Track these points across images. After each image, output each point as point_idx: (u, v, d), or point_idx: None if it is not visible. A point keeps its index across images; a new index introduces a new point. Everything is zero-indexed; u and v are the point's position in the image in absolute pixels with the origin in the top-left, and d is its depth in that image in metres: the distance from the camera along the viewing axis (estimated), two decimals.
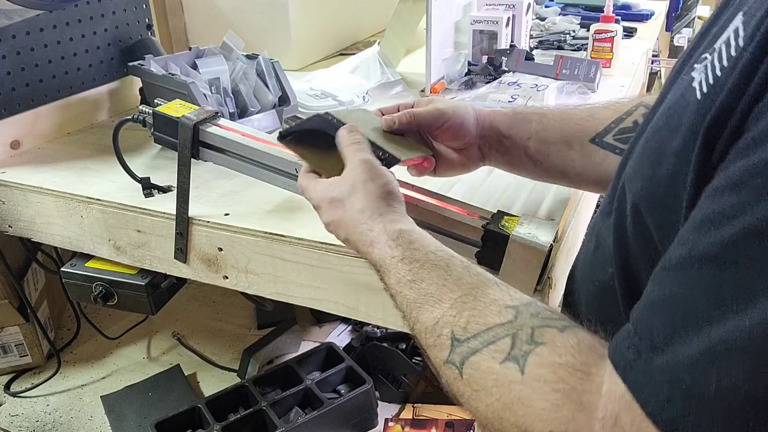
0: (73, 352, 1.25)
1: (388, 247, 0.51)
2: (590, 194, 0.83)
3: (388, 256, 0.51)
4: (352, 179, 0.54)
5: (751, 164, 0.31)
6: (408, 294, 0.48)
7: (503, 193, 0.76)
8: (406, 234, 0.51)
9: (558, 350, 0.38)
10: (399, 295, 0.49)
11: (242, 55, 0.95)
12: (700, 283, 0.31)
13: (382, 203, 0.53)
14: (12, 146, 0.94)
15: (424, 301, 0.46)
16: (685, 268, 0.32)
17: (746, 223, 0.30)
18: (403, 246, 0.50)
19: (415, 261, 0.49)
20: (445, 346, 0.43)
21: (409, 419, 1.12)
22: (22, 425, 1.08)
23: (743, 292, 0.29)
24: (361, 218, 0.53)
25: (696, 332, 0.30)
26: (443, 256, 0.49)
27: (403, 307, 0.49)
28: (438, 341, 0.44)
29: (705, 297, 0.31)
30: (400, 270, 0.49)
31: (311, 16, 1.38)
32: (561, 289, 0.71)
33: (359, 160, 0.55)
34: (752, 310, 0.29)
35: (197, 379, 1.20)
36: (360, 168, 0.55)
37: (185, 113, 0.70)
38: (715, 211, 0.32)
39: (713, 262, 0.31)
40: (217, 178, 0.81)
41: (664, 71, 2.25)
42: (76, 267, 0.84)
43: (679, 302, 0.32)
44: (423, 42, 1.14)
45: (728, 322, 0.29)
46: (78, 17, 1.01)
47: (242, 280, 0.73)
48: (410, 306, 0.48)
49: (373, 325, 1.24)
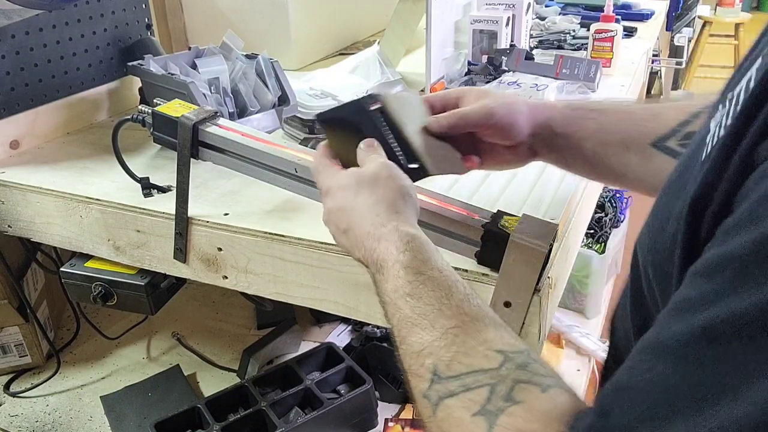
0: (72, 352, 1.25)
1: (395, 249, 0.48)
2: (590, 194, 0.82)
3: (392, 258, 0.48)
4: (374, 171, 0.52)
5: (727, 252, 0.29)
6: (402, 308, 0.45)
7: (503, 193, 0.76)
8: (417, 241, 0.48)
9: (531, 414, 0.36)
10: (392, 306, 0.47)
11: (242, 55, 0.95)
12: (659, 375, 0.30)
13: (400, 201, 0.51)
14: (11, 146, 0.94)
15: (416, 323, 0.44)
16: (652, 353, 0.31)
17: (705, 319, 0.28)
18: (411, 252, 0.47)
19: (419, 274, 0.46)
20: (425, 378, 0.41)
21: (409, 419, 1.12)
22: (21, 425, 1.08)
23: (691, 395, 0.28)
24: (376, 210, 0.50)
25: (647, 427, 0.29)
26: (448, 277, 0.46)
27: (393, 320, 0.46)
28: (420, 371, 0.42)
29: (662, 392, 0.29)
30: (401, 278, 0.46)
31: (311, 16, 1.38)
32: (561, 289, 0.71)
33: (381, 161, 0.53)
34: (699, 416, 0.27)
35: (197, 379, 1.19)
36: (383, 165, 0.53)
37: (185, 113, 0.70)
38: (687, 297, 0.30)
39: (672, 355, 0.30)
40: (217, 178, 0.81)
41: (664, 71, 2.25)
42: (75, 267, 0.84)
43: (639, 391, 0.31)
44: (423, 42, 1.14)
45: (677, 425, 0.28)
46: (77, 17, 1.01)
47: (242, 280, 0.73)
48: (401, 322, 0.45)
49: (373, 325, 1.24)
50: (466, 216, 0.58)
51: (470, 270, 0.58)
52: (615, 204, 1.64)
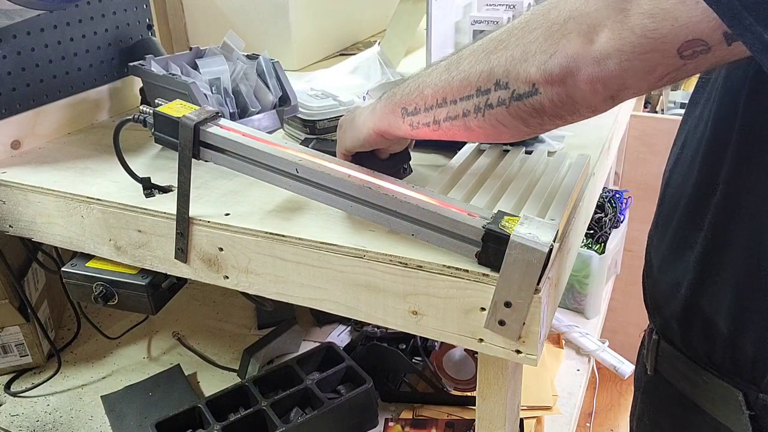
0: (73, 352, 1.25)
1: (386, 99, 0.61)
2: (590, 194, 0.83)
3: (386, 101, 0.61)
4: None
5: None
6: (425, 86, 0.58)
7: (503, 193, 0.76)
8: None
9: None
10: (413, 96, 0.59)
11: (243, 56, 0.95)
12: None
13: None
14: (12, 146, 0.95)
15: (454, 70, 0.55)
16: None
17: None
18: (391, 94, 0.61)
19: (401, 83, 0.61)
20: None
21: (409, 419, 1.12)
22: (22, 425, 1.08)
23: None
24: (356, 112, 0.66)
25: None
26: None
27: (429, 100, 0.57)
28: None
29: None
30: (394, 93, 0.60)
31: (311, 16, 1.39)
32: (561, 289, 0.71)
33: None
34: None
35: (197, 379, 1.20)
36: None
37: (186, 113, 0.70)
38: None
39: None
40: (218, 178, 0.82)
41: None
42: (76, 267, 0.84)
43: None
44: (423, 42, 1.14)
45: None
46: (78, 17, 1.01)
47: (243, 280, 0.73)
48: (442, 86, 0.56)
49: (373, 325, 1.24)
50: (466, 216, 0.58)
51: (470, 270, 0.58)
52: (615, 204, 1.65)
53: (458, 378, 1.21)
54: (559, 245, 0.62)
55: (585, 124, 0.56)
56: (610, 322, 1.86)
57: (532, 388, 1.25)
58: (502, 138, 0.55)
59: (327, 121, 0.88)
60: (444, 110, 0.56)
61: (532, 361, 0.59)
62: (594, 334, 1.52)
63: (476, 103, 0.52)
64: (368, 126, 0.64)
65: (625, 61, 0.41)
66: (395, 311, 0.64)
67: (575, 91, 0.45)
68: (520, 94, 0.48)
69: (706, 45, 0.39)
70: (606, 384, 2.00)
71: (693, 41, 0.38)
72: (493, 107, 0.51)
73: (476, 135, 0.56)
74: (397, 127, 0.61)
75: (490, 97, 0.51)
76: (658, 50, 0.40)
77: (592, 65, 0.43)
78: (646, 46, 0.40)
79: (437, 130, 0.58)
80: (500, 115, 0.51)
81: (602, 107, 0.47)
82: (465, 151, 0.80)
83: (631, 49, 0.41)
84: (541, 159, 0.79)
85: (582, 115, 0.49)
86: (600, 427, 1.90)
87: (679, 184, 0.69)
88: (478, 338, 0.61)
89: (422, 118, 0.58)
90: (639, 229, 1.82)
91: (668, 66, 0.41)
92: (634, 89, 0.43)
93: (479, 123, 0.53)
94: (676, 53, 0.40)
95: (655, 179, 1.77)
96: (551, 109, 0.48)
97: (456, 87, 0.54)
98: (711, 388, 0.65)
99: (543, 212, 0.66)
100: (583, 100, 0.46)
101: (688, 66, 0.40)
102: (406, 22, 1.27)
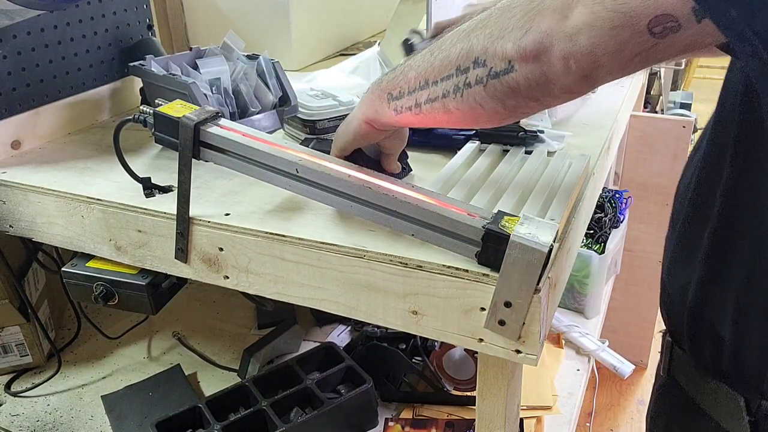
0: (73, 352, 1.26)
1: (374, 86, 0.62)
2: (590, 194, 0.83)
3: (373, 88, 0.62)
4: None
5: None
6: (409, 70, 0.58)
7: (503, 193, 0.76)
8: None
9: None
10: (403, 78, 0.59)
11: (243, 56, 0.96)
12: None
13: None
14: (13, 146, 0.95)
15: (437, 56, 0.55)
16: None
17: None
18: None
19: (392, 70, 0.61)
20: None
21: (409, 419, 1.12)
22: (22, 425, 1.08)
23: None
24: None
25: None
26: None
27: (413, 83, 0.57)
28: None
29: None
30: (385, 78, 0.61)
31: (311, 16, 1.39)
32: (561, 289, 0.71)
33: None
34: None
35: (197, 378, 1.20)
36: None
37: (186, 113, 0.70)
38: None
39: None
40: (218, 178, 0.82)
41: (663, 72, 2.25)
42: (76, 267, 0.84)
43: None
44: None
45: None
46: (79, 17, 1.01)
47: (243, 280, 0.73)
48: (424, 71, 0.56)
49: (373, 325, 1.24)
50: (466, 216, 0.58)
51: (470, 270, 0.58)
52: (615, 204, 1.65)
53: (458, 378, 1.21)
54: (558, 245, 0.62)
55: (585, 124, 0.56)
56: (610, 322, 1.86)
57: (532, 387, 1.25)
58: (480, 121, 0.55)
59: (327, 121, 0.89)
60: (425, 92, 0.56)
61: (532, 361, 0.59)
62: (594, 334, 1.52)
63: (456, 83, 0.53)
64: (357, 117, 0.65)
65: (596, 36, 0.42)
66: (395, 311, 0.64)
67: (549, 68, 0.46)
68: (497, 72, 0.49)
69: (676, 21, 0.39)
70: (606, 384, 2.00)
71: (662, 16, 0.39)
72: (471, 86, 0.52)
73: (455, 118, 0.56)
74: (383, 113, 0.62)
75: (469, 75, 0.52)
76: (628, 25, 0.40)
77: (564, 41, 0.43)
78: (616, 21, 0.40)
79: (419, 114, 0.58)
80: (478, 94, 0.52)
81: (577, 88, 0.47)
82: (465, 151, 0.80)
83: (601, 24, 0.41)
84: (541, 159, 0.79)
85: (558, 98, 0.49)
86: (600, 427, 1.90)
87: (685, 185, 0.69)
88: (478, 338, 0.61)
89: (405, 101, 0.59)
90: (639, 229, 1.82)
91: (639, 44, 0.41)
92: (607, 68, 0.44)
93: (457, 104, 0.54)
94: (646, 29, 0.40)
95: (655, 179, 1.78)
96: (526, 88, 0.48)
97: (437, 67, 0.55)
98: (716, 395, 0.65)
99: (543, 212, 0.66)
100: (557, 79, 0.46)
101: (659, 46, 0.41)
102: (406, 22, 1.27)
